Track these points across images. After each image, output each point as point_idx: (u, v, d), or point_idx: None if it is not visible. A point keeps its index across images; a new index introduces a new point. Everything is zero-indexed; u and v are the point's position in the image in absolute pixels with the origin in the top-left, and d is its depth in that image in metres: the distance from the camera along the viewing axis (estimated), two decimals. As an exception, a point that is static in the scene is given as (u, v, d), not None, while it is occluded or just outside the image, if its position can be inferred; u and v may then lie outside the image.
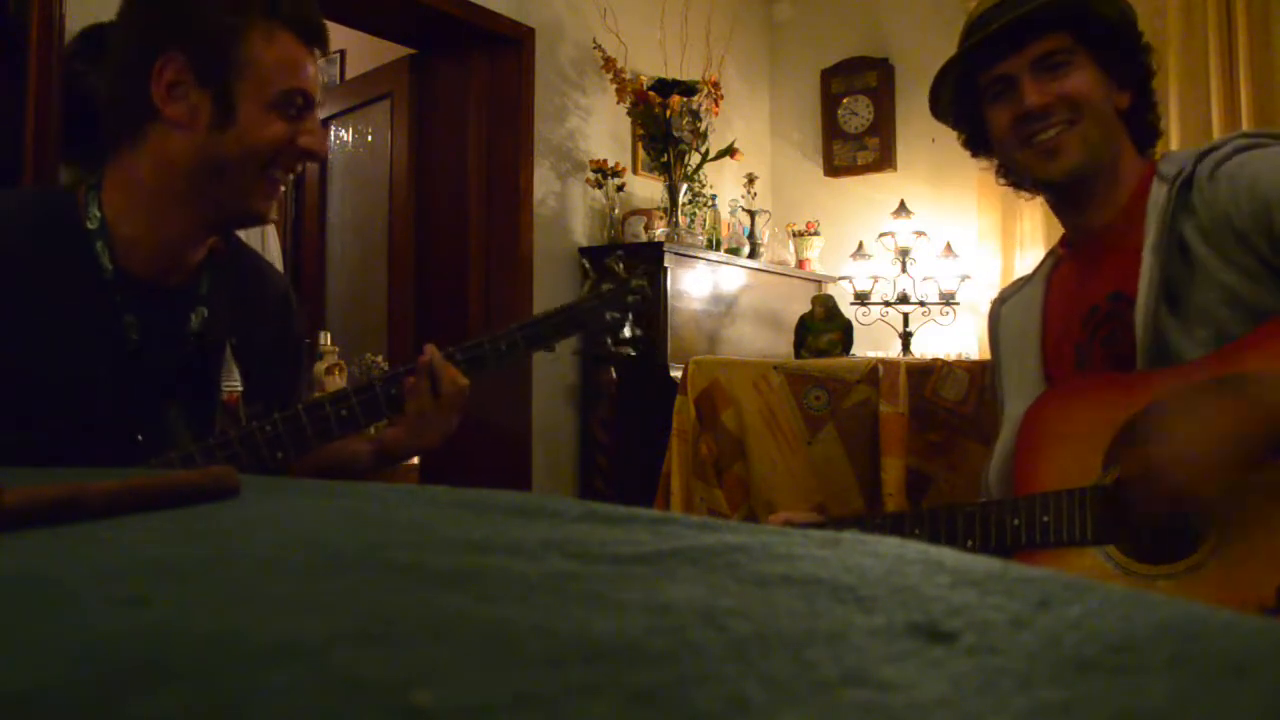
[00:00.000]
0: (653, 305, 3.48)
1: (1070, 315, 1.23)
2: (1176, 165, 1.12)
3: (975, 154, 1.32)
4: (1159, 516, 0.99)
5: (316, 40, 1.08)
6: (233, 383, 1.22)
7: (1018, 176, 1.27)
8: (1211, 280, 1.06)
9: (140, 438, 1.06)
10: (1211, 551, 0.97)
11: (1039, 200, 1.33)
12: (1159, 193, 1.12)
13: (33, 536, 0.42)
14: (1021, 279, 1.40)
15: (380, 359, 3.28)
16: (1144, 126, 1.21)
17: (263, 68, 1.02)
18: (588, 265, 1.32)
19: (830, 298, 2.99)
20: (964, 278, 3.73)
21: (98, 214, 1.05)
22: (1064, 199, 1.23)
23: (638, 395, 3.36)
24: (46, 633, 0.27)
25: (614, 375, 3.32)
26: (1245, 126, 3.47)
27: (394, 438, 1.23)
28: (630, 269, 1.31)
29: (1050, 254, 1.34)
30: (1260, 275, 1.04)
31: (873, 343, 3.84)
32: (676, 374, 2.70)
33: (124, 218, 1.06)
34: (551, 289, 3.61)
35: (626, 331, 1.30)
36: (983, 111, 1.23)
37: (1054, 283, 1.30)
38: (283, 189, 1.10)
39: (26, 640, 0.26)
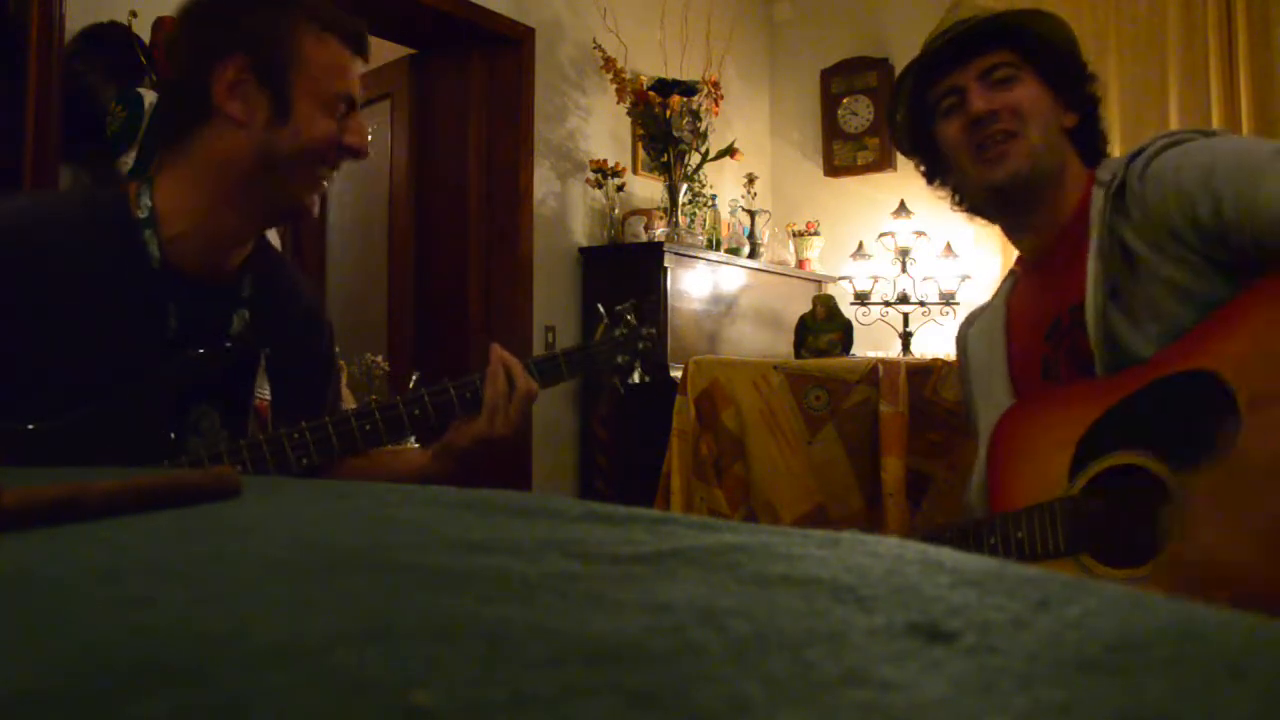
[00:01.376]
0: (653, 306, 3.49)
1: (1033, 330, 1.25)
2: (1110, 171, 1.15)
3: (931, 182, 1.34)
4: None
5: (360, 49, 1.14)
6: (263, 392, 1.24)
7: (970, 194, 1.28)
8: (1154, 277, 1.08)
9: (174, 435, 1.09)
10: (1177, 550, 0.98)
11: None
12: (1098, 199, 1.15)
13: (33, 536, 0.42)
14: (985, 303, 1.42)
15: (380, 359, 3.28)
16: (1090, 146, 1.24)
17: (316, 68, 1.08)
18: (603, 310, 1.37)
19: (831, 298, 2.99)
20: (964, 278, 3.73)
21: (148, 204, 1.09)
22: (1011, 213, 1.25)
23: (638, 395, 3.35)
24: (46, 633, 0.27)
25: (620, 391, 3.32)
26: (1245, 127, 3.48)
27: (464, 428, 1.23)
28: (641, 317, 1.36)
29: (1009, 275, 1.37)
30: (1199, 267, 1.06)
31: (873, 343, 3.84)
32: (676, 374, 2.70)
33: (175, 211, 1.10)
34: (551, 289, 3.61)
35: (635, 377, 1.35)
36: (936, 134, 1.26)
37: (1013, 302, 1.32)
38: (326, 185, 1.17)
39: (26, 640, 0.26)
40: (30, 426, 1.01)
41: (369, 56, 1.17)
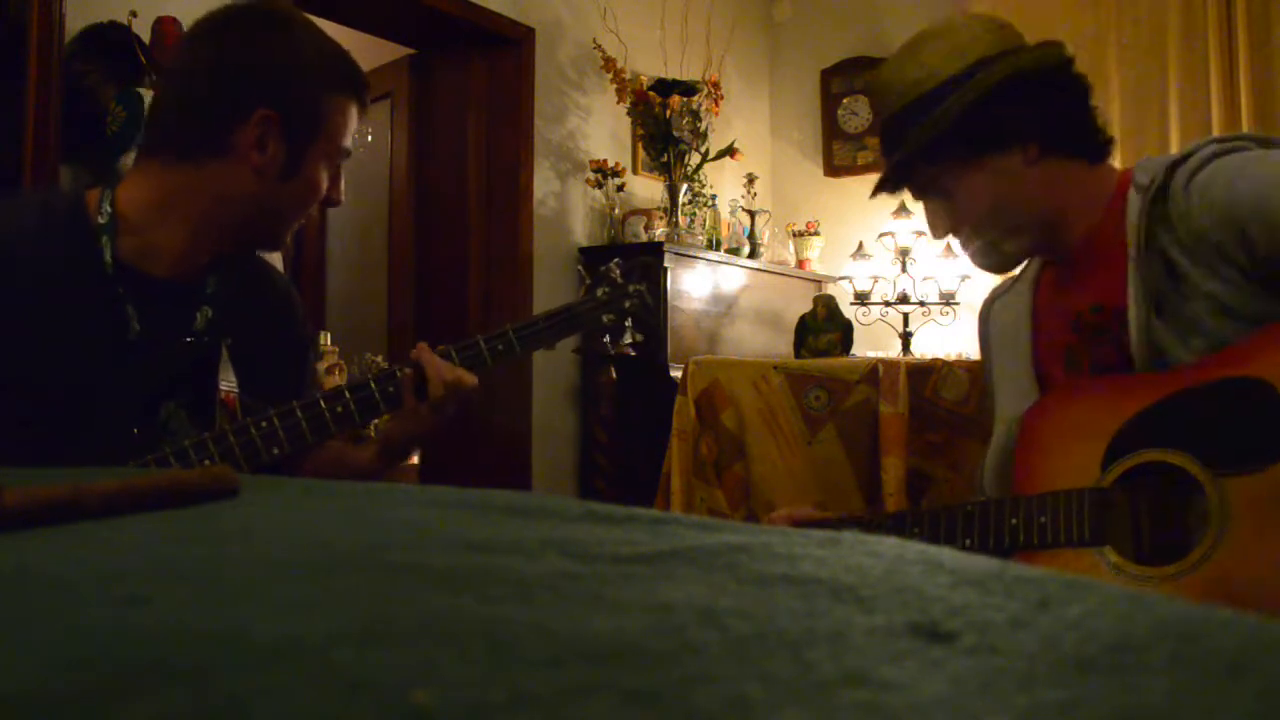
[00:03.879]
0: (653, 306, 3.48)
1: (1060, 317, 1.23)
2: (1149, 174, 1.10)
3: None
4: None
5: (366, 102, 1.20)
6: (229, 383, 1.23)
7: None
8: (1197, 291, 1.05)
9: (136, 431, 1.07)
10: (1206, 554, 0.97)
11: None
12: (1135, 204, 1.10)
13: (33, 536, 0.42)
14: (1012, 278, 1.39)
15: (380, 359, 3.27)
16: (1081, 143, 1.16)
17: (331, 130, 1.14)
18: (583, 270, 1.33)
19: (832, 298, 2.99)
20: (964, 278, 3.73)
21: (109, 209, 1.09)
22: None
23: (638, 395, 3.36)
24: (46, 633, 0.27)
25: (614, 375, 3.32)
26: (1245, 127, 3.47)
27: (389, 428, 1.25)
28: (627, 273, 1.32)
29: None
30: (1243, 284, 1.03)
31: (873, 343, 3.84)
32: (676, 374, 2.71)
33: (143, 221, 1.10)
34: (551, 289, 3.61)
35: (627, 337, 1.31)
36: None
37: (1043, 283, 1.29)
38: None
39: (26, 640, 0.26)
40: None
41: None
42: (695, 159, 3.78)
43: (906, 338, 3.72)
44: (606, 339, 1.33)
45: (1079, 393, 1.15)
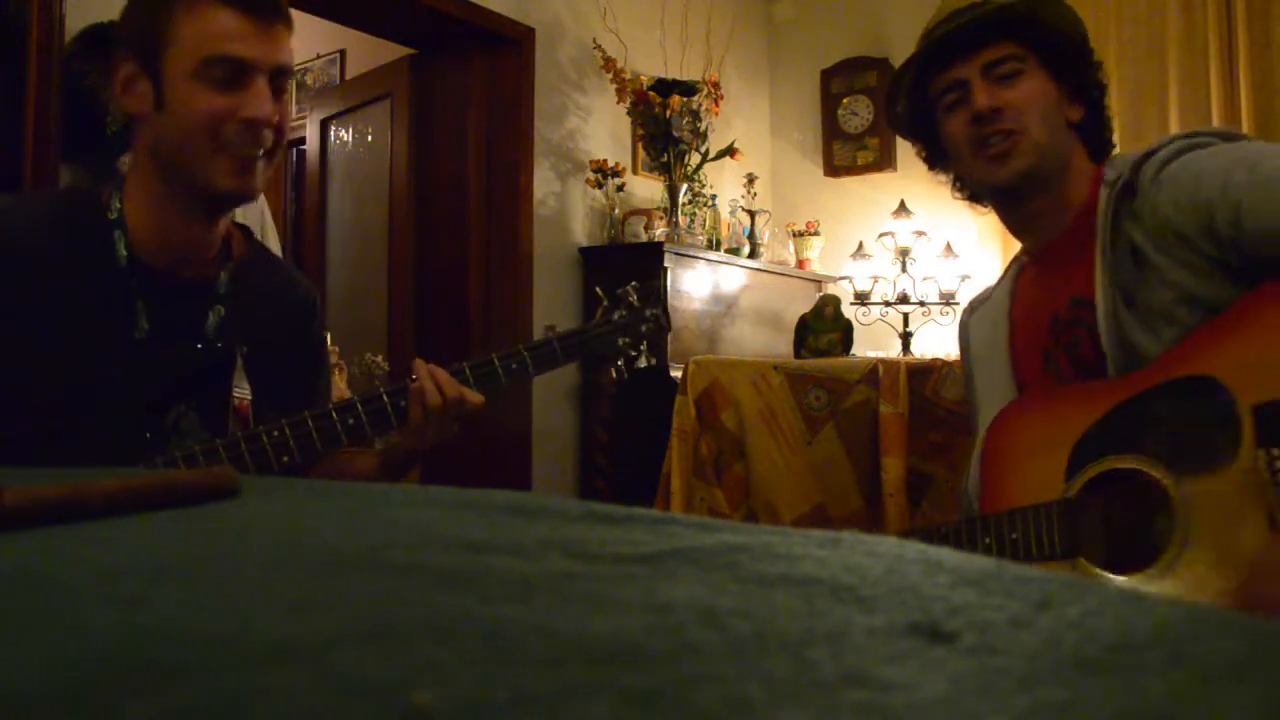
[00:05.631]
0: (654, 289, 3.47)
1: (1036, 321, 1.24)
2: (1117, 170, 1.13)
3: (932, 168, 1.33)
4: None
5: (258, 9, 1.05)
6: (242, 390, 1.23)
7: (972, 187, 1.28)
8: (1164, 281, 1.07)
9: (148, 435, 1.08)
10: (1174, 558, 0.97)
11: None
12: (1103, 199, 1.13)
13: (33, 536, 0.42)
14: (988, 288, 1.40)
15: (380, 359, 3.28)
16: (1097, 140, 1.22)
17: (184, 42, 1.03)
18: (601, 293, 1.32)
19: (838, 299, 2.98)
20: (964, 278, 3.73)
21: (118, 205, 1.12)
22: (1013, 209, 1.23)
23: (638, 395, 3.35)
24: (46, 633, 0.27)
25: (614, 375, 3.32)
26: (1245, 126, 3.47)
27: (393, 443, 1.25)
28: (644, 297, 1.31)
29: (1014, 261, 1.35)
30: (1209, 271, 1.05)
31: (873, 343, 3.84)
32: (676, 374, 2.70)
33: (135, 208, 1.12)
34: (551, 289, 3.61)
35: (642, 361, 1.30)
36: (937, 125, 1.24)
37: (1019, 289, 1.30)
38: (259, 164, 1.09)
39: (26, 640, 0.26)
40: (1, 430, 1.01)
41: (279, 16, 1.07)
42: (695, 159, 3.78)
43: (906, 338, 3.72)
44: (620, 362, 1.31)
45: (1037, 402, 1.17)
